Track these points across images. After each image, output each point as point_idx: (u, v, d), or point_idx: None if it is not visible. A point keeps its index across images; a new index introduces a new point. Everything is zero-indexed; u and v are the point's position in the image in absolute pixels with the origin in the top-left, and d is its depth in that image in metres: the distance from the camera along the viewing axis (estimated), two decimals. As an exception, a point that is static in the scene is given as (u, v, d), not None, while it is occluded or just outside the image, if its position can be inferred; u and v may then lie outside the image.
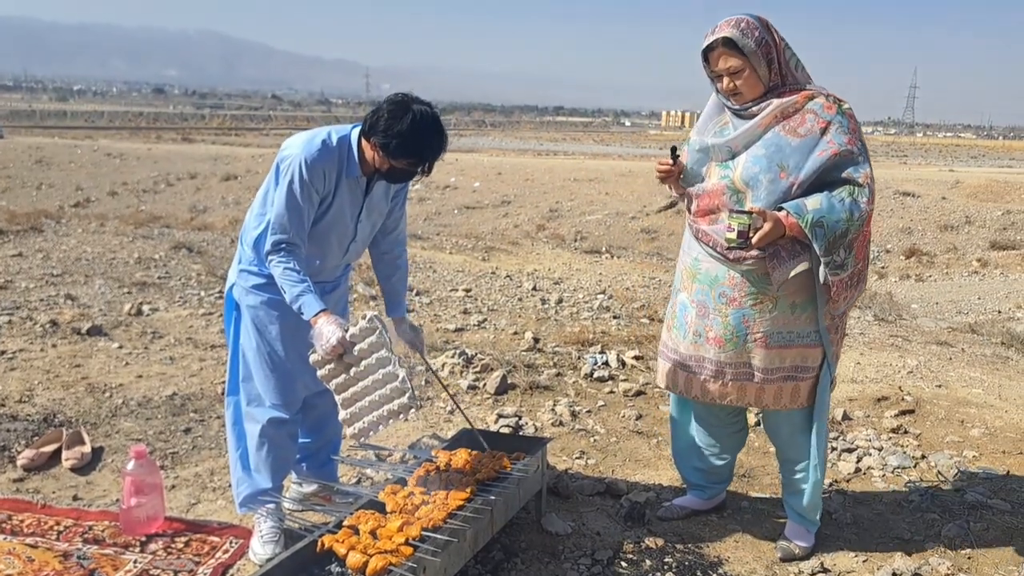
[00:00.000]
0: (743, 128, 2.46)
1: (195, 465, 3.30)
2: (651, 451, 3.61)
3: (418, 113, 2.31)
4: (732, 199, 2.49)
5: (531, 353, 4.89)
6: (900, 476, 3.43)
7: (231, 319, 2.72)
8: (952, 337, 7.12)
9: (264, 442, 2.68)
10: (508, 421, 3.75)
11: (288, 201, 2.39)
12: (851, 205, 2.37)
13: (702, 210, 2.58)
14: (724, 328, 2.58)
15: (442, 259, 9.50)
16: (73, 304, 5.57)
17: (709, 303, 2.60)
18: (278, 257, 2.40)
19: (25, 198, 25.62)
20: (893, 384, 4.62)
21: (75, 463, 3.20)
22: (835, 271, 2.42)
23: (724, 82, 2.44)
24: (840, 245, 2.39)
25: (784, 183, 2.40)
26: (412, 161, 2.37)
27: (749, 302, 2.53)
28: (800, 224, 2.35)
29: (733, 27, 2.38)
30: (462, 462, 2.66)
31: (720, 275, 2.56)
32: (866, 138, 2.58)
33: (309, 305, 2.36)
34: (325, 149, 2.41)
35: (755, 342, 2.56)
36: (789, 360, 2.58)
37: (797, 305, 2.53)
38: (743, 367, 2.60)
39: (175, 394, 4.01)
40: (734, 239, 2.36)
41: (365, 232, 2.65)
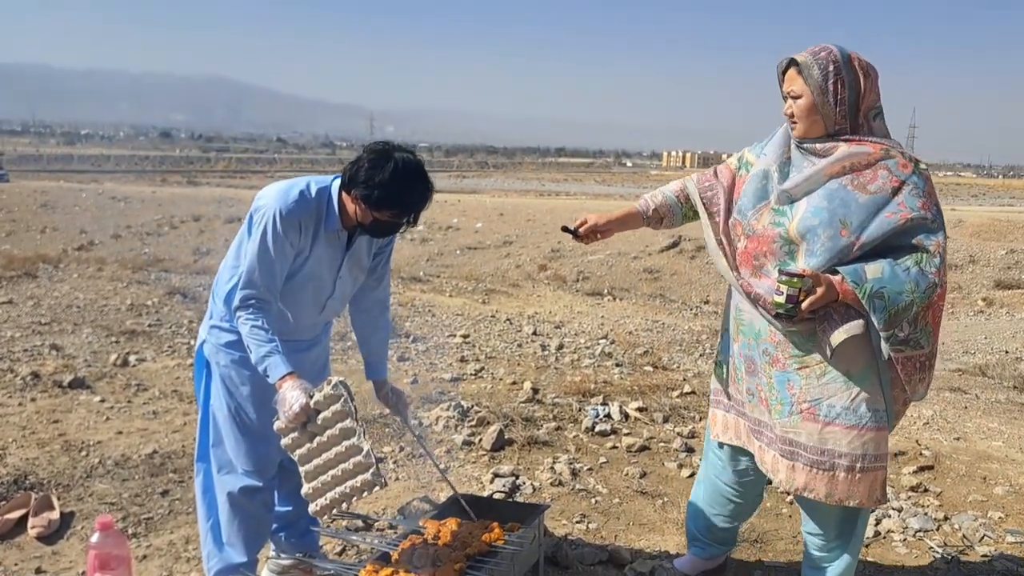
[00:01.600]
0: (806, 173, 2.22)
1: (170, 532, 3.09)
2: (656, 513, 3.40)
3: (400, 161, 2.17)
4: (783, 249, 2.22)
5: (530, 405, 4.70)
6: (923, 540, 3.22)
7: (201, 378, 2.55)
8: (964, 382, 6.91)
9: (236, 512, 2.49)
10: (505, 481, 3.55)
11: (260, 254, 2.24)
12: (917, 275, 2.10)
13: (748, 255, 2.30)
14: (769, 391, 2.32)
15: (441, 302, 9.34)
16: (58, 355, 5.40)
17: (757, 359, 2.34)
18: (246, 313, 2.24)
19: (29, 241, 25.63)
20: (910, 437, 4.41)
21: (41, 531, 3.00)
22: (898, 347, 2.14)
23: (787, 105, 2.26)
24: (903, 319, 2.11)
25: (844, 241, 2.13)
26: (395, 212, 2.22)
27: (794, 365, 2.25)
28: (857, 293, 2.09)
29: (809, 53, 2.20)
30: (451, 534, 2.46)
31: (763, 330, 2.30)
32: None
33: (275, 367, 2.20)
34: (302, 200, 2.26)
35: (802, 413, 2.24)
36: (851, 445, 2.22)
37: (853, 376, 2.21)
38: (789, 443, 2.29)
39: (155, 452, 3.82)
40: (783, 303, 2.10)
41: (346, 288, 2.49)
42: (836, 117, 2.19)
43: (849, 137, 2.20)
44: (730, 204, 2.41)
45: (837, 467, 2.24)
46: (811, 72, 2.17)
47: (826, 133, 2.22)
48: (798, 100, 2.21)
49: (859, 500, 2.27)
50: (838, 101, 2.18)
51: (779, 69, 2.27)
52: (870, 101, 2.22)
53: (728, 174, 2.46)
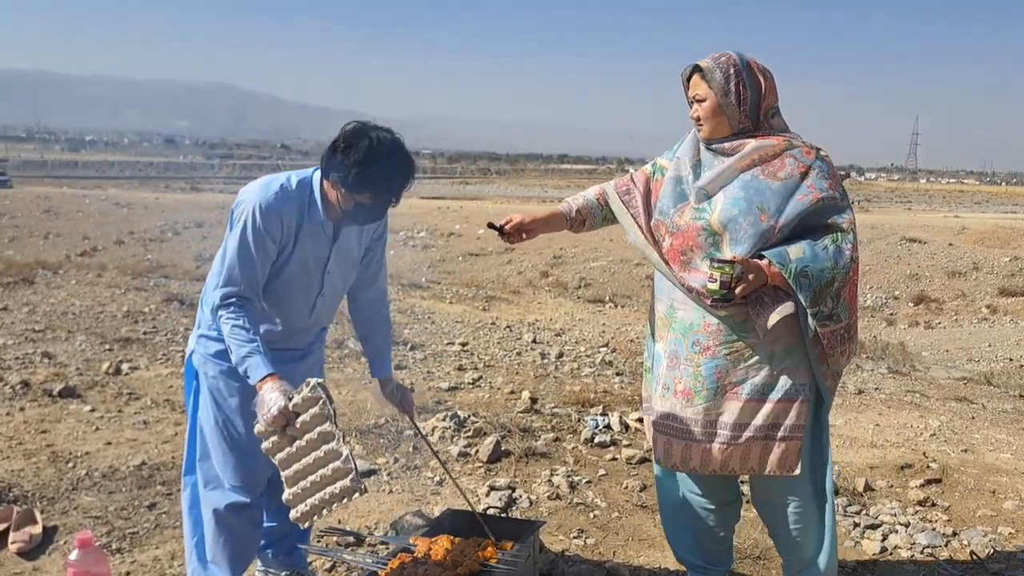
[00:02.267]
0: (718, 169, 2.31)
1: (155, 547, 3.01)
2: (656, 528, 3.30)
3: (375, 139, 2.08)
4: (708, 241, 2.29)
5: (528, 415, 4.61)
6: (931, 556, 3.12)
7: (191, 389, 2.47)
8: (970, 391, 6.81)
9: (222, 529, 2.40)
10: (501, 494, 3.45)
11: (240, 250, 2.16)
12: (835, 253, 2.21)
13: (675, 251, 2.36)
14: (694, 379, 2.35)
15: (441, 309, 9.27)
16: (49, 363, 5.33)
17: (681, 352, 2.38)
18: (227, 313, 2.15)
19: (32, 247, 25.64)
20: (916, 449, 4.31)
21: (22, 546, 2.92)
22: (824, 322, 2.24)
23: (693, 109, 2.35)
24: (827, 295, 2.21)
25: (764, 226, 2.23)
26: (375, 193, 2.12)
27: (723, 351, 2.32)
28: (783, 274, 2.18)
29: (711, 59, 2.32)
30: (443, 552, 2.37)
31: (695, 322, 2.35)
32: (870, 184, 2.38)
33: (256, 367, 2.11)
34: (282, 193, 2.19)
35: (726, 395, 2.33)
36: (766, 416, 2.31)
37: (776, 355, 2.30)
38: (711, 425, 2.35)
39: (144, 464, 3.73)
40: (717, 290, 2.17)
41: (335, 285, 2.40)
42: (740, 117, 2.31)
43: (754, 133, 2.32)
44: (648, 207, 2.49)
45: (753, 439, 2.34)
46: (714, 76, 2.29)
47: (731, 132, 2.33)
48: (703, 103, 2.31)
49: (771, 469, 2.35)
50: (740, 101, 2.29)
51: (684, 76, 2.38)
52: (770, 101, 2.34)
53: (643, 178, 2.54)
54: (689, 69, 2.35)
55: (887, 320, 17.20)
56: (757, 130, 2.33)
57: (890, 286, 19.76)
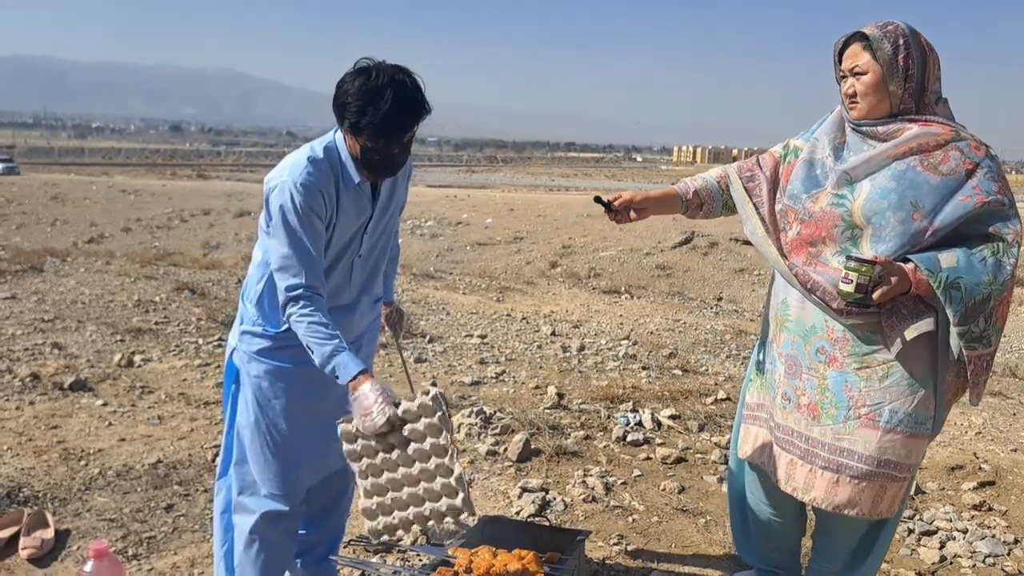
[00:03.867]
0: (869, 153, 2.01)
1: (173, 553, 2.84)
2: (699, 534, 3.13)
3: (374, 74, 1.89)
4: (845, 234, 2.01)
5: (555, 411, 4.43)
6: (994, 567, 2.94)
7: (230, 389, 2.29)
8: (1002, 386, 6.61)
9: (255, 539, 2.23)
10: (534, 496, 3.28)
11: (290, 239, 1.96)
12: (994, 266, 1.90)
13: (802, 242, 2.08)
14: (820, 393, 2.08)
15: (455, 300, 9.08)
16: (59, 354, 5.17)
17: (802, 359, 2.11)
18: (298, 309, 1.94)
19: (39, 234, 25.55)
20: (964, 449, 4.13)
21: (33, 552, 2.76)
22: (972, 344, 1.93)
23: (847, 83, 2.05)
24: (980, 313, 1.90)
25: (916, 226, 1.93)
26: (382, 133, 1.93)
27: (853, 365, 2.03)
28: (931, 283, 1.88)
29: (876, 27, 2.02)
30: (486, 565, 2.20)
31: (817, 325, 2.07)
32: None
33: (345, 366, 1.90)
34: (314, 166, 1.99)
35: (860, 419, 2.03)
36: (909, 455, 2.05)
37: (916, 380, 2.01)
38: (840, 452, 2.07)
39: (159, 461, 3.57)
40: (851, 292, 1.90)
41: (372, 242, 2.21)
42: (903, 95, 2.02)
43: (915, 117, 2.01)
44: (774, 193, 2.22)
45: (890, 478, 2.06)
46: (881, 46, 1.99)
47: (890, 113, 2.03)
48: (863, 76, 2.02)
49: (882, 511, 2.12)
50: (907, 77, 2.00)
51: (837, 47, 2.08)
52: (934, 82, 2.05)
53: (771, 163, 2.27)
54: (846, 37, 2.05)
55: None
56: (919, 114, 2.02)
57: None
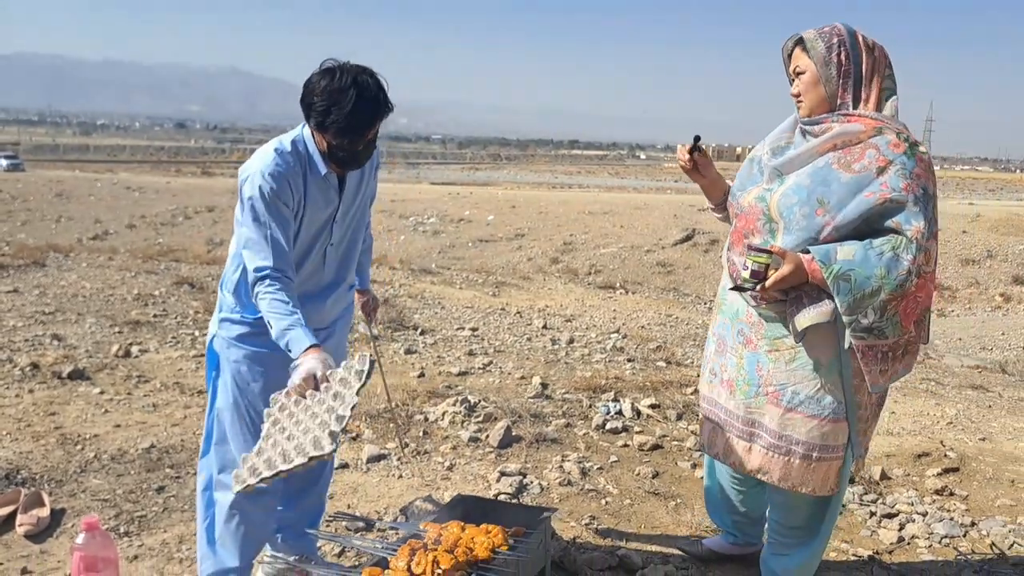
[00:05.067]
0: (798, 150, 2.17)
1: (163, 531, 2.98)
2: (669, 516, 3.26)
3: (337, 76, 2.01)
4: (765, 227, 2.18)
5: (538, 400, 4.56)
6: (949, 547, 3.06)
7: (212, 374, 2.42)
8: (985, 379, 6.73)
9: (235, 514, 2.37)
10: (511, 480, 3.41)
11: (257, 225, 2.10)
12: (889, 261, 1.99)
13: (739, 234, 2.27)
14: (737, 371, 2.28)
15: (451, 295, 9.22)
16: (59, 345, 5.32)
17: (728, 339, 2.33)
18: (263, 287, 2.07)
19: (44, 230, 25.75)
20: (933, 437, 4.25)
21: (29, 529, 2.90)
22: (860, 335, 2.06)
23: (793, 85, 2.21)
24: (868, 305, 2.02)
25: (818, 220, 2.07)
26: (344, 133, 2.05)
27: (764, 347, 2.21)
28: (823, 273, 2.01)
29: (813, 29, 2.18)
30: (453, 538, 2.33)
31: (740, 310, 2.28)
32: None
33: (298, 340, 2.00)
34: (281, 157, 2.13)
35: (767, 396, 2.22)
36: (810, 433, 2.21)
37: (822, 366, 2.16)
38: (751, 424, 2.28)
39: (153, 446, 3.71)
40: (747, 279, 2.07)
41: (343, 231, 2.35)
42: (840, 92, 2.13)
43: (847, 113, 2.12)
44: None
45: (793, 453, 2.23)
46: (815, 46, 2.14)
47: (830, 109, 2.16)
48: (803, 75, 2.17)
49: (811, 488, 2.26)
50: (841, 73, 2.12)
51: (785, 52, 2.23)
52: (879, 79, 2.15)
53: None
54: (791, 42, 2.20)
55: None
56: (854, 110, 2.13)
57: (903, 274, 19.58)
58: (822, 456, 2.22)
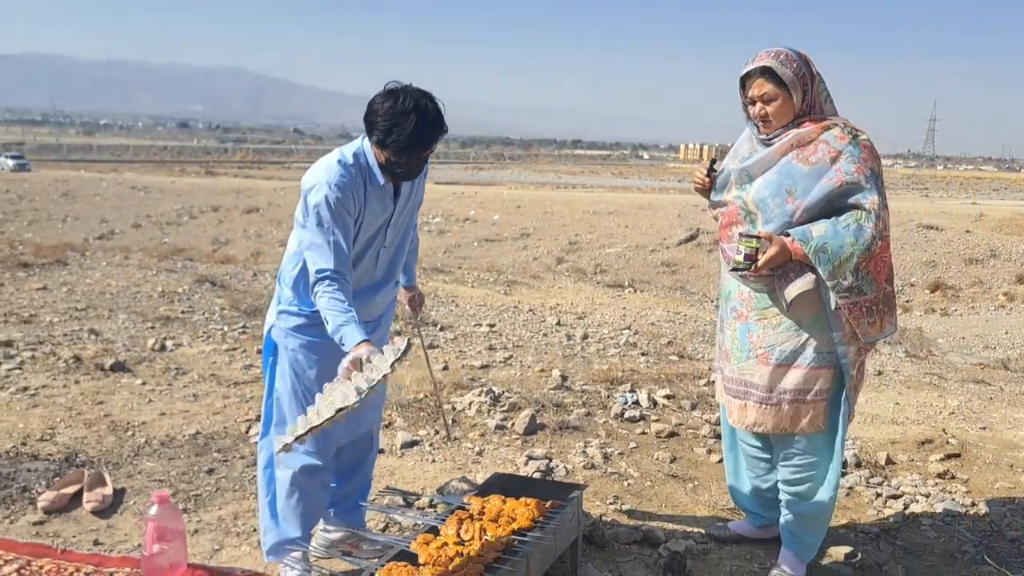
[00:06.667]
0: (761, 154, 2.53)
1: (218, 508, 3.20)
2: (687, 496, 3.47)
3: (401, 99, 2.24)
4: (746, 219, 2.57)
5: (559, 391, 4.78)
6: (951, 525, 3.27)
7: (268, 360, 2.65)
8: (987, 375, 6.93)
9: (295, 490, 2.59)
10: (538, 463, 3.63)
11: (322, 231, 2.33)
12: (855, 231, 2.39)
13: (724, 228, 2.67)
14: (732, 341, 2.67)
15: (464, 293, 9.44)
16: (97, 339, 5.54)
17: (726, 317, 2.73)
18: (322, 287, 2.30)
19: (51, 230, 25.99)
20: (935, 426, 4.46)
21: (96, 506, 3.12)
22: (844, 294, 2.44)
23: (756, 108, 2.50)
24: (846, 269, 2.40)
25: (790, 207, 2.46)
26: (406, 151, 2.29)
27: (755, 317, 2.60)
28: (804, 250, 2.40)
29: (772, 57, 2.46)
30: (496, 510, 2.55)
31: (732, 290, 2.67)
32: (886, 171, 2.65)
33: (351, 335, 2.22)
34: (346, 169, 2.36)
35: (757, 357, 2.59)
36: (796, 381, 2.55)
37: (804, 324, 2.53)
38: (744, 384, 2.64)
39: (198, 433, 3.93)
40: (741, 261, 2.44)
41: (395, 235, 2.58)
42: (801, 105, 2.48)
43: (802, 120, 2.48)
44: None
45: (782, 401, 2.58)
46: (784, 72, 2.43)
47: (792, 121, 2.50)
48: (773, 102, 2.46)
49: (801, 427, 2.59)
50: (804, 93, 2.47)
51: (740, 75, 2.51)
52: (821, 86, 2.51)
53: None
54: (750, 70, 2.47)
55: (903, 307, 17.22)
56: (809, 116, 2.49)
57: (906, 273, 19.75)
58: (807, 399, 2.56)
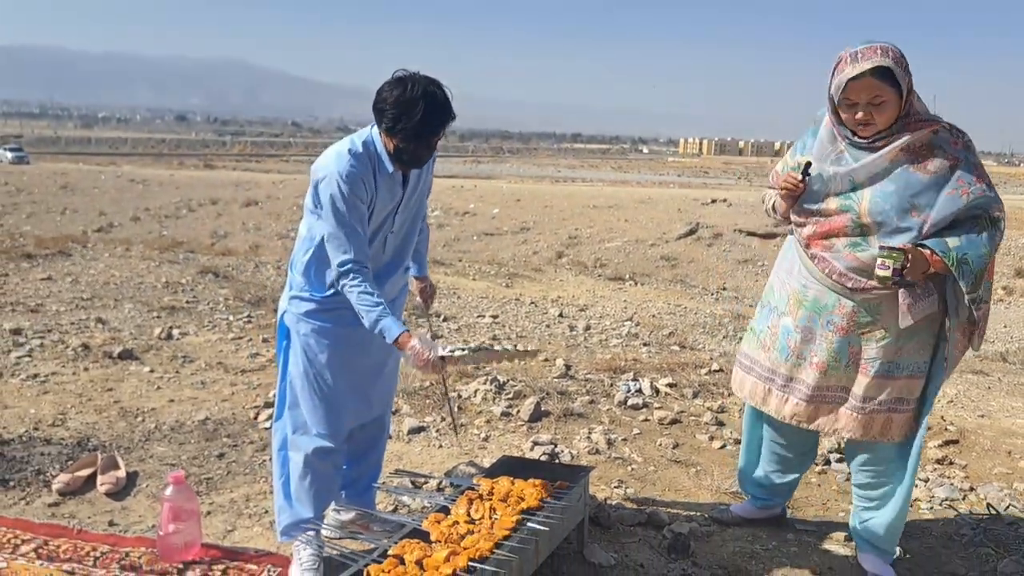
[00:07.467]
0: (867, 160, 2.39)
1: (230, 491, 3.26)
2: (690, 480, 3.53)
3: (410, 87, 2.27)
4: (855, 231, 2.44)
5: (563, 380, 4.84)
6: (949, 509, 3.34)
7: (282, 345, 2.70)
8: (986, 366, 6.99)
9: (308, 472, 2.64)
10: (544, 449, 3.69)
11: (339, 221, 2.37)
12: (987, 240, 2.33)
13: (818, 235, 2.53)
14: (828, 354, 2.57)
15: (465, 285, 9.49)
16: (104, 328, 5.59)
17: (816, 329, 2.58)
18: (349, 281, 2.36)
19: (50, 223, 26.00)
20: (934, 413, 4.51)
21: (110, 488, 3.17)
22: (978, 304, 2.40)
23: (859, 113, 2.35)
24: (982, 280, 2.36)
25: (915, 220, 2.35)
26: (416, 138, 2.32)
27: (858, 331, 2.53)
28: (945, 262, 2.30)
29: (884, 56, 2.27)
30: (505, 490, 2.60)
31: (830, 303, 2.54)
32: None
33: (390, 328, 2.33)
34: (356, 158, 2.39)
35: (858, 369, 2.55)
36: (892, 392, 2.54)
37: (902, 336, 2.49)
38: (840, 391, 2.60)
39: (207, 419, 3.99)
40: (888, 276, 2.30)
41: (402, 221, 2.62)
42: (903, 107, 2.33)
43: (906, 121, 2.34)
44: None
45: (877, 411, 2.56)
46: (901, 75, 2.28)
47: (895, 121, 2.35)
48: (884, 104, 2.30)
49: (890, 437, 2.59)
50: (910, 91, 2.33)
51: (847, 77, 2.29)
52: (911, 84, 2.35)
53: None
54: (862, 69, 2.26)
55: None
56: (908, 117, 2.35)
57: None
58: (900, 408, 2.55)
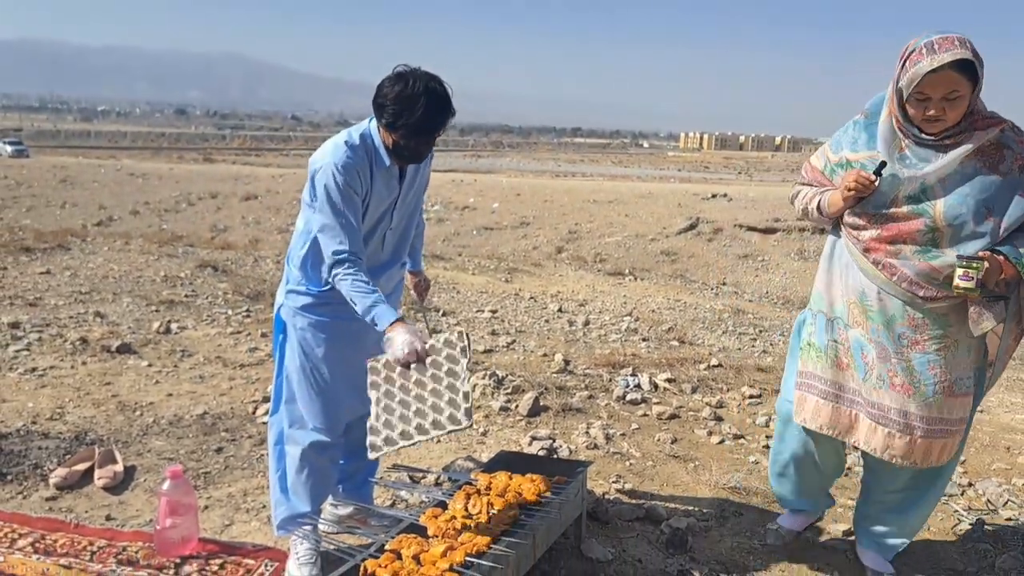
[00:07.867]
0: (940, 162, 2.21)
1: (228, 485, 3.25)
2: (689, 476, 3.53)
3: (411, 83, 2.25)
4: (926, 237, 2.25)
5: (562, 375, 4.83)
6: (947, 504, 3.33)
7: (278, 339, 2.69)
8: (985, 362, 6.99)
9: (305, 466, 2.64)
10: (543, 443, 3.68)
11: (333, 212, 2.36)
12: None
13: (883, 240, 2.31)
14: (909, 375, 2.35)
15: (465, 280, 9.48)
16: (102, 321, 5.58)
17: (889, 345, 2.35)
18: (342, 271, 2.33)
19: (49, 216, 25.94)
20: (933, 410, 4.52)
21: (108, 482, 3.17)
22: None
23: (932, 108, 2.17)
24: None
25: (989, 224, 2.20)
26: (415, 134, 2.31)
27: (933, 346, 2.32)
28: (1018, 268, 2.17)
29: (964, 47, 2.09)
30: (503, 485, 2.60)
31: (897, 314, 2.33)
32: None
33: (383, 315, 2.29)
34: (352, 150, 2.38)
35: (944, 391, 2.35)
36: (962, 409, 2.40)
37: (969, 350, 2.35)
38: (935, 422, 2.38)
39: (206, 413, 3.98)
40: (972, 287, 2.14)
41: (401, 217, 2.61)
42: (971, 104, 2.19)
43: (972, 119, 2.21)
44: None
45: (953, 433, 2.42)
46: (979, 69, 2.12)
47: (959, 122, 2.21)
48: (960, 100, 2.14)
49: (947, 458, 2.47)
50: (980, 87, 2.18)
51: (924, 70, 2.11)
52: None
53: (816, 174, 2.53)
54: (941, 62, 2.08)
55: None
56: (973, 114, 2.20)
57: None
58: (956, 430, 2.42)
